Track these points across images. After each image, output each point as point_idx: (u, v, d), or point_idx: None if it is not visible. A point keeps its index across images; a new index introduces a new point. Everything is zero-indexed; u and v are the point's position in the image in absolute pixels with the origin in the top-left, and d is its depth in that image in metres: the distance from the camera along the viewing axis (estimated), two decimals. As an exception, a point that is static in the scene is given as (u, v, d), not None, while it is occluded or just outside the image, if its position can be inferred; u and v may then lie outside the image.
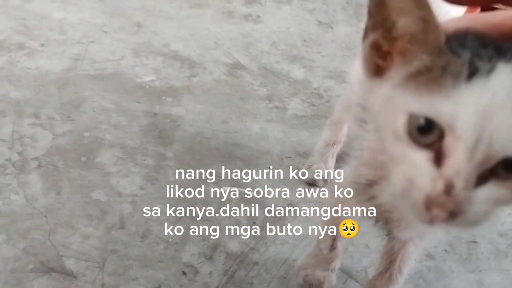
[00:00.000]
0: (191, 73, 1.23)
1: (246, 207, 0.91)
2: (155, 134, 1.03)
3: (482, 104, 0.31)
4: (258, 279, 0.79)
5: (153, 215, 0.86)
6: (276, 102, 1.20)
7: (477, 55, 0.33)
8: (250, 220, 0.89)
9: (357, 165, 0.59)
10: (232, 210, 0.89)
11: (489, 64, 0.31)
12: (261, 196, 0.94)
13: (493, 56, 0.32)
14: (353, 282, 0.82)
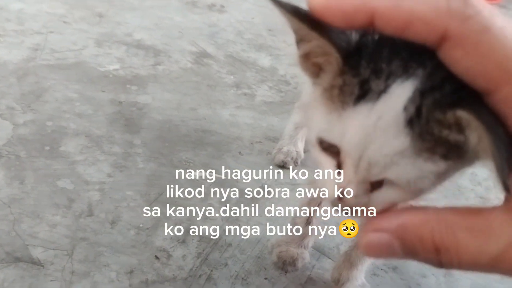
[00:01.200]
0: (156, 61, 1.21)
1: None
2: (121, 122, 1.01)
3: (365, 128, 0.31)
4: (232, 260, 0.79)
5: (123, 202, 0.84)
6: (245, 89, 1.19)
7: (377, 72, 0.31)
8: (222, 203, 0.88)
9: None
10: (203, 194, 0.88)
11: (384, 84, 0.30)
12: (233, 179, 0.93)
13: (394, 73, 0.31)
14: (326, 259, 0.82)
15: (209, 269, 0.77)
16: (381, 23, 0.27)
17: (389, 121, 0.30)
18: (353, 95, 0.31)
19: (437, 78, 0.30)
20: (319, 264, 0.82)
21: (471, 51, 0.26)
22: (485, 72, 0.26)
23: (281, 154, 0.99)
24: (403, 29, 0.26)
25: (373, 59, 0.31)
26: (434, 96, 0.30)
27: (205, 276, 0.76)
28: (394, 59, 0.31)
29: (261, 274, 0.78)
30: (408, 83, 0.30)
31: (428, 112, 0.30)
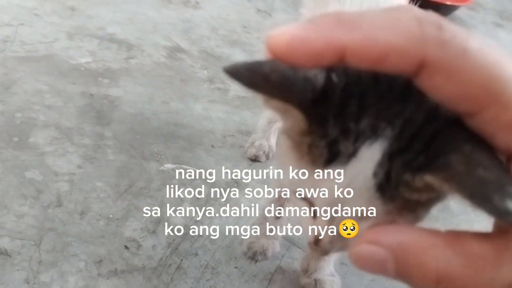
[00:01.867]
0: (129, 55, 1.21)
1: (189, 183, 0.90)
2: (92, 115, 1.00)
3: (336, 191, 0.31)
4: (202, 250, 0.79)
5: (92, 193, 0.83)
6: (218, 84, 1.20)
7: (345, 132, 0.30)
8: (194, 195, 0.88)
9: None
10: (175, 186, 0.89)
11: (353, 147, 0.29)
12: (205, 172, 0.93)
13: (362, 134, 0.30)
14: (296, 248, 0.83)
15: (179, 259, 0.77)
16: (353, 60, 0.24)
17: (359, 186, 0.30)
18: (322, 158, 0.31)
19: (406, 137, 0.29)
20: (289, 253, 0.83)
21: (452, 77, 0.24)
22: (468, 96, 0.24)
23: (253, 148, 1.00)
24: (378, 63, 0.24)
25: (340, 113, 0.30)
26: (403, 158, 0.29)
27: (175, 265, 0.76)
28: (363, 116, 0.30)
29: (231, 263, 0.78)
30: (377, 146, 0.29)
31: (397, 176, 0.29)
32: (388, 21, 0.25)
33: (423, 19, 0.25)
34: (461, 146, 0.26)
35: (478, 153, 0.26)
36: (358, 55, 0.24)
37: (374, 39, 0.24)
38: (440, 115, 0.28)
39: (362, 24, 0.25)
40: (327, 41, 0.24)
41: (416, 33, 0.24)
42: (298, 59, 0.25)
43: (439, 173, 0.27)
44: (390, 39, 0.24)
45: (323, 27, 0.25)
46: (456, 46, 0.24)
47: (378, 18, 0.25)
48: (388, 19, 0.25)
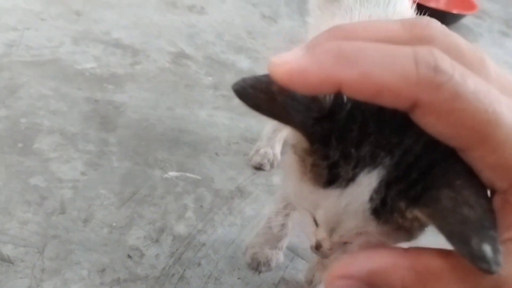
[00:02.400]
0: (134, 60, 1.20)
1: (193, 190, 0.90)
2: (97, 120, 1.00)
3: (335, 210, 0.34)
4: (206, 260, 0.79)
5: (96, 200, 0.83)
6: (223, 91, 1.19)
7: (346, 157, 0.31)
8: (197, 203, 0.88)
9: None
10: (179, 194, 0.88)
11: (352, 172, 0.31)
12: (209, 180, 0.93)
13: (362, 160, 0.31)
14: (300, 259, 0.83)
15: (182, 269, 0.76)
16: (349, 93, 0.26)
17: (356, 209, 0.32)
18: (323, 179, 0.32)
19: (403, 167, 0.30)
20: (293, 264, 0.82)
21: (443, 118, 0.25)
22: (458, 136, 0.26)
23: (258, 156, 1.00)
24: (373, 98, 0.25)
25: (343, 137, 0.31)
26: (399, 187, 0.30)
27: (178, 275, 0.75)
28: (364, 142, 0.31)
29: (234, 274, 0.78)
30: (375, 173, 0.31)
31: (392, 203, 0.31)
32: (385, 58, 0.25)
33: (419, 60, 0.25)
34: (453, 181, 0.27)
35: (468, 190, 0.26)
36: (353, 91, 0.25)
37: (369, 77, 0.25)
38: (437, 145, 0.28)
39: (360, 59, 0.25)
40: (324, 76, 0.25)
41: (411, 75, 0.25)
42: (298, 89, 0.26)
43: (427, 208, 0.28)
44: (385, 78, 0.25)
45: (322, 60, 0.26)
46: (449, 89, 0.25)
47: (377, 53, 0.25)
48: (386, 55, 0.25)
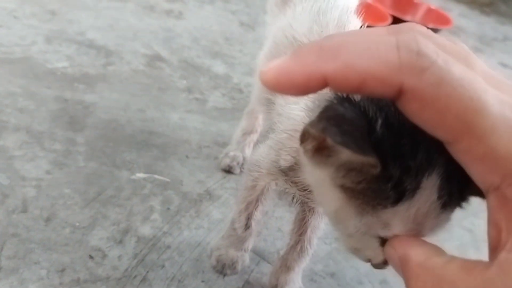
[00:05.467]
0: (107, 61, 1.19)
1: (160, 193, 0.89)
2: (65, 120, 0.98)
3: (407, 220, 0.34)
4: (170, 262, 0.77)
5: (60, 199, 0.81)
6: (196, 94, 1.19)
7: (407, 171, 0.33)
8: (164, 205, 0.87)
9: (276, 149, 0.60)
10: (145, 195, 0.87)
11: (416, 182, 0.33)
12: (177, 182, 0.92)
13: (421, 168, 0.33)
14: (266, 263, 0.82)
15: (145, 270, 0.75)
16: (335, 86, 0.26)
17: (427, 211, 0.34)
18: (390, 199, 0.33)
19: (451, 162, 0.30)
20: (258, 268, 0.82)
21: (428, 105, 0.25)
22: (443, 125, 0.25)
23: (227, 158, 0.99)
24: (358, 88, 0.25)
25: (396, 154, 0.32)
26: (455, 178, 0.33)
27: (140, 277, 0.74)
28: (417, 152, 0.32)
29: (198, 276, 0.77)
30: (435, 174, 0.33)
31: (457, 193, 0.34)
32: (367, 47, 0.25)
33: (401, 45, 0.25)
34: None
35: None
36: (338, 83, 0.25)
37: (352, 68, 0.25)
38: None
39: (342, 51, 0.25)
40: (308, 73, 0.26)
41: (393, 61, 0.24)
42: (286, 90, 0.27)
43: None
44: (368, 67, 0.25)
45: (305, 58, 0.26)
46: (433, 74, 0.24)
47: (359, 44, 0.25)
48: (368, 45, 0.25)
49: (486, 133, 0.24)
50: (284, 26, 0.71)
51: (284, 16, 0.76)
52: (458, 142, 0.25)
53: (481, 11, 2.54)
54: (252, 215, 0.75)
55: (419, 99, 0.25)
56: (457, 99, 0.24)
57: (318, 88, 0.26)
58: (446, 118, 0.24)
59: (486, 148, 0.24)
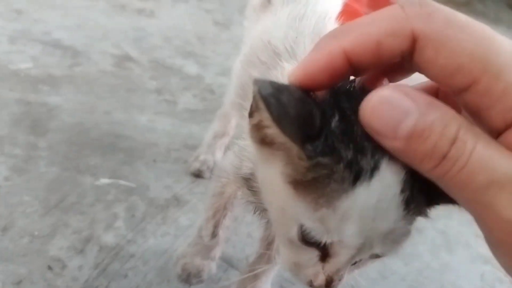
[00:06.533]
0: (74, 62, 1.16)
1: (125, 199, 0.86)
2: (27, 123, 0.94)
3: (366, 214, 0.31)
4: (133, 271, 0.75)
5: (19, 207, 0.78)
6: (166, 96, 1.16)
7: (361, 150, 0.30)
8: (129, 212, 0.84)
9: (239, 155, 0.58)
10: (109, 202, 0.84)
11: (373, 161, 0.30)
12: (143, 188, 0.89)
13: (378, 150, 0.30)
14: (234, 270, 0.80)
15: (107, 281, 0.72)
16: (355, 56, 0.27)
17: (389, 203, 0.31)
18: (346, 180, 0.30)
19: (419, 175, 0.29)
20: (226, 275, 0.80)
21: (441, 48, 0.25)
22: (459, 67, 0.25)
23: (197, 162, 0.97)
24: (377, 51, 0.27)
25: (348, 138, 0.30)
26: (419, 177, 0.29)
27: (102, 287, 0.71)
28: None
29: (163, 286, 0.75)
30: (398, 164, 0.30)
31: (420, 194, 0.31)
32: (375, 16, 0.27)
33: (404, 4, 0.27)
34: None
35: None
36: (357, 51, 0.27)
37: (366, 34, 0.27)
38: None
39: (354, 27, 0.28)
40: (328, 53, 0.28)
41: (400, 15, 0.26)
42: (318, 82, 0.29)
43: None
44: (379, 28, 0.27)
45: (323, 45, 0.28)
46: (440, 17, 0.26)
47: (367, 18, 0.28)
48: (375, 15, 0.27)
49: (503, 69, 0.25)
50: (261, 31, 0.70)
51: (263, 21, 0.74)
52: (476, 84, 0.25)
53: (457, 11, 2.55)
54: (220, 223, 0.73)
55: (432, 43, 0.26)
56: (468, 39, 0.25)
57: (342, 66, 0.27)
58: (461, 60, 0.25)
59: (506, 84, 0.25)
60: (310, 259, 0.35)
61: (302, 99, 0.30)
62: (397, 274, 0.91)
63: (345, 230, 0.32)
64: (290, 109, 0.29)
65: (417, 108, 0.25)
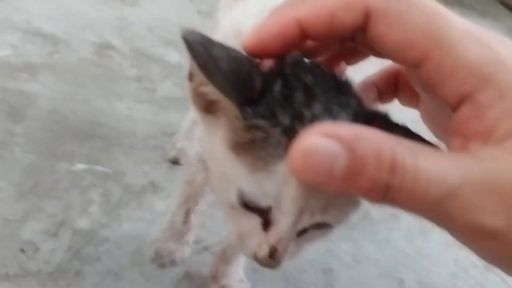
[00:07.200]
0: (54, 50, 1.16)
1: (101, 184, 0.87)
2: (4, 110, 0.95)
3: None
4: (107, 255, 0.76)
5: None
6: (146, 84, 1.17)
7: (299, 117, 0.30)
8: (104, 197, 0.85)
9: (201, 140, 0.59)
10: (85, 187, 0.85)
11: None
12: (120, 174, 0.90)
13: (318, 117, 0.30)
14: (207, 254, 0.81)
15: (80, 264, 0.73)
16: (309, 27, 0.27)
17: None
18: (281, 145, 0.30)
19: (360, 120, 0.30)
20: (200, 259, 0.81)
21: (394, 23, 0.26)
22: (411, 42, 0.26)
23: (174, 149, 0.98)
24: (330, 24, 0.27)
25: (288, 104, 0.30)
26: None
27: (74, 270, 0.72)
28: (314, 103, 0.30)
29: (136, 269, 0.76)
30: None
31: None
32: None
33: None
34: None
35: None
36: (311, 23, 0.28)
37: (321, 5, 0.27)
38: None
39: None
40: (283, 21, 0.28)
41: None
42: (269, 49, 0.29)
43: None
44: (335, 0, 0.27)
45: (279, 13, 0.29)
46: None
47: None
48: None
49: (455, 44, 0.25)
50: (232, 21, 0.70)
51: (234, 11, 0.75)
52: (428, 60, 0.26)
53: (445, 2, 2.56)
54: (192, 209, 0.74)
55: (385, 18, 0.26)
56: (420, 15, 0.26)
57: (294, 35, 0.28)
58: (413, 35, 0.26)
59: (456, 59, 0.25)
60: (253, 228, 0.35)
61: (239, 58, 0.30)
62: (371, 259, 0.92)
63: (282, 195, 0.31)
64: (222, 64, 0.29)
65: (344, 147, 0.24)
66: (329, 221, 0.34)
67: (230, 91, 0.30)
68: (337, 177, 0.25)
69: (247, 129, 0.31)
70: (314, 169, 0.25)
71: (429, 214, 0.25)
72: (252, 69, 0.31)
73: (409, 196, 0.24)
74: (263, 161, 0.31)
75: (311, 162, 0.25)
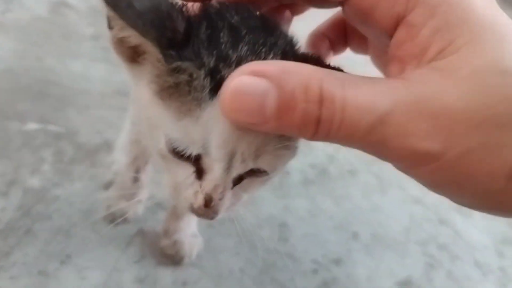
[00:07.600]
0: (6, 8, 1.12)
1: (54, 144, 0.86)
2: (-48, 69, 0.92)
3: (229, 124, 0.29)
4: (58, 213, 0.76)
5: None
6: (103, 43, 1.14)
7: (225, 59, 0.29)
8: (57, 156, 0.84)
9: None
10: (37, 147, 0.84)
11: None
12: (73, 133, 0.89)
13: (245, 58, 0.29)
14: (162, 211, 0.82)
15: (31, 222, 0.73)
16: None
17: None
18: (206, 88, 0.29)
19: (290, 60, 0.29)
20: (155, 216, 0.81)
21: None
22: None
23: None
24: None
25: (213, 45, 0.29)
26: None
27: (25, 228, 0.72)
28: (240, 44, 0.29)
29: (88, 227, 0.76)
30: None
31: None
32: None
33: None
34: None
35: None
36: None
37: None
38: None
39: None
40: None
41: None
42: None
43: None
44: None
45: None
46: None
47: None
48: None
49: None
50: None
51: None
52: None
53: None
54: (140, 168, 0.74)
55: None
56: None
57: None
58: None
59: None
60: (187, 178, 0.35)
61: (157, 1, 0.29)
62: (326, 213, 0.94)
63: (209, 141, 0.31)
64: (135, 3, 0.28)
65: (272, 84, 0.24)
66: (263, 168, 0.34)
67: (148, 31, 0.29)
68: (270, 116, 0.24)
69: (171, 73, 0.31)
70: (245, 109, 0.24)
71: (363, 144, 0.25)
72: (173, 10, 0.30)
73: (339, 127, 0.24)
74: (188, 106, 0.30)
75: (241, 102, 0.24)
